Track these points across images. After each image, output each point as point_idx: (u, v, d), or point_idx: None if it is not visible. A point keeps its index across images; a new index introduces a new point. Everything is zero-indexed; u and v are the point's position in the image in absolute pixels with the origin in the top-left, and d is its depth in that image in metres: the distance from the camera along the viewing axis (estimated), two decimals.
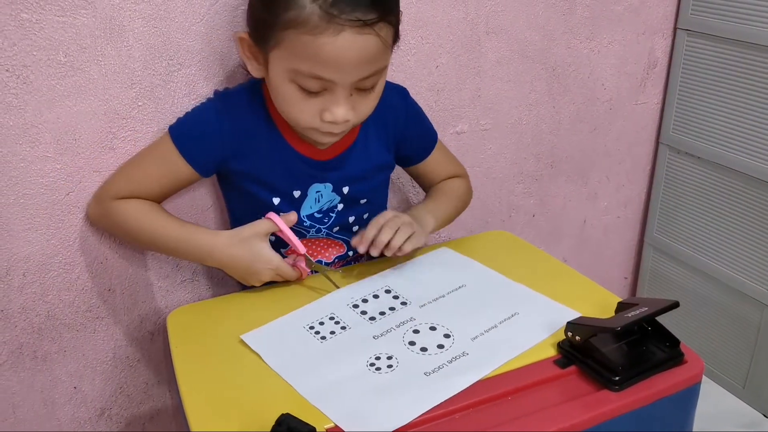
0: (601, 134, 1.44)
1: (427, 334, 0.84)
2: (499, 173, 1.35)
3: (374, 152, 1.01)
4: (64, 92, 0.93)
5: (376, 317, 0.88)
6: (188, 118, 0.97)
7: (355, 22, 0.80)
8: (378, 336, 0.84)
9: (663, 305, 0.76)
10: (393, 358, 0.79)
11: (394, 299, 0.91)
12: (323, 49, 0.81)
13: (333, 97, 0.86)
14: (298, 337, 0.84)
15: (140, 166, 0.96)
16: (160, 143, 0.96)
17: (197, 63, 1.00)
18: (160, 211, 0.96)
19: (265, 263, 0.91)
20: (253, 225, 0.93)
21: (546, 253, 1.06)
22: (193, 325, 0.90)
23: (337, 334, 0.84)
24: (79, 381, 1.09)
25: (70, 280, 1.03)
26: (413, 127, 1.06)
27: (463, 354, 0.80)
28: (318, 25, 0.80)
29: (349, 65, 0.83)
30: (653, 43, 1.41)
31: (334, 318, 0.87)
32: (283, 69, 0.85)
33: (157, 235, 0.94)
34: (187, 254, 0.96)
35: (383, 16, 0.83)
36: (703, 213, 1.45)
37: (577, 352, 0.78)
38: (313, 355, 0.81)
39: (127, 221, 0.94)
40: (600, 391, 0.75)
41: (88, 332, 1.07)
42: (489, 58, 1.24)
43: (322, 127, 0.88)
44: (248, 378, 0.78)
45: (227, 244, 0.92)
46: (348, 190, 1.00)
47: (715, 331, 1.47)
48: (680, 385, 0.77)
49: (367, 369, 0.78)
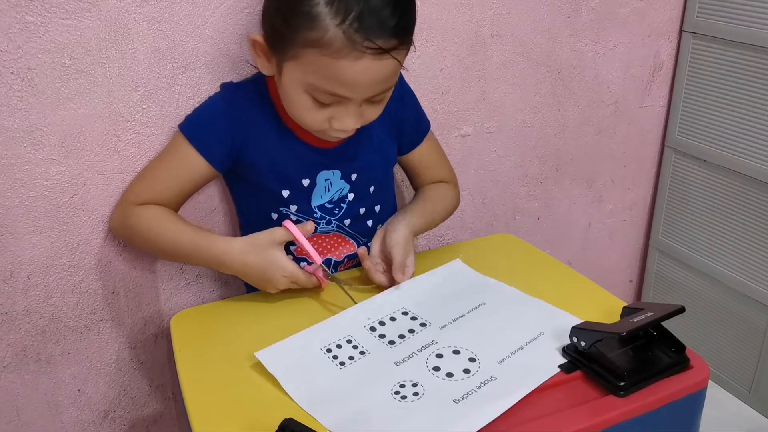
0: (606, 137, 1.43)
1: (451, 359, 0.80)
2: (504, 176, 1.35)
3: (378, 138, 1.01)
4: (68, 95, 0.93)
5: (396, 341, 0.84)
6: (197, 112, 0.98)
7: (376, 49, 0.81)
8: (400, 362, 0.80)
9: (668, 310, 0.75)
10: (418, 385, 0.75)
11: (413, 320, 0.88)
12: (342, 71, 0.82)
13: (344, 109, 0.87)
14: (316, 362, 0.80)
15: (156, 168, 0.98)
16: (172, 142, 0.98)
17: (202, 65, 1.00)
18: (175, 218, 0.96)
19: (279, 270, 0.90)
20: (270, 232, 0.92)
21: (551, 257, 1.06)
22: (196, 328, 0.89)
23: (356, 360, 0.81)
24: (83, 383, 1.09)
25: (74, 283, 1.03)
26: (408, 109, 1.06)
27: (491, 378, 0.76)
28: (340, 50, 0.81)
29: (365, 87, 0.85)
30: (659, 45, 1.41)
31: (351, 341, 0.84)
32: (298, 80, 0.86)
33: (171, 242, 0.94)
34: (202, 261, 0.95)
35: (402, 42, 0.85)
36: (708, 216, 1.44)
37: (582, 357, 0.78)
38: (333, 382, 0.77)
39: (141, 228, 0.95)
40: (605, 396, 0.74)
41: (92, 335, 1.07)
42: (494, 61, 1.24)
43: (330, 131, 0.90)
44: (251, 382, 0.78)
45: (242, 251, 0.91)
46: (356, 177, 1.01)
47: (721, 335, 1.47)
48: (686, 390, 0.76)
49: (392, 398, 0.74)
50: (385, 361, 0.80)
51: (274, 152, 0.96)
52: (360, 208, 1.03)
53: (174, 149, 0.96)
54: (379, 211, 1.05)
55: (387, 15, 0.81)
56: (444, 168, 1.14)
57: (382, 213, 1.06)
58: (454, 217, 1.27)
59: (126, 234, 1.00)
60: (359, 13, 0.80)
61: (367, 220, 1.05)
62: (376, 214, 1.05)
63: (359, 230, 1.04)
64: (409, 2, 0.85)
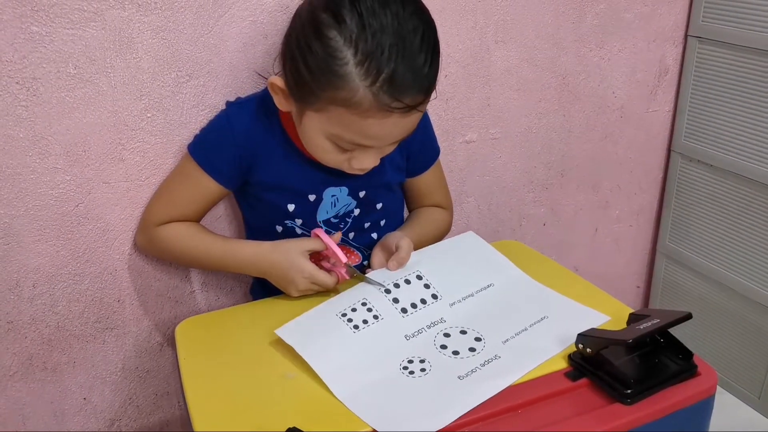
0: (612, 142, 1.43)
1: (458, 338, 0.84)
2: (510, 182, 1.35)
3: (389, 156, 1.00)
4: (73, 104, 0.93)
5: (408, 309, 0.88)
6: (204, 133, 0.98)
7: (404, 108, 0.81)
8: (410, 336, 0.85)
9: (675, 317, 0.75)
10: (426, 362, 0.80)
11: (426, 289, 0.91)
12: (369, 128, 0.83)
13: (365, 152, 0.88)
14: (331, 326, 0.84)
15: (170, 190, 0.99)
16: (182, 164, 0.99)
17: (206, 74, 1.00)
18: (200, 231, 0.99)
19: (299, 272, 0.92)
20: (298, 240, 0.94)
21: (557, 264, 1.05)
22: (201, 336, 0.89)
23: (370, 325, 0.85)
24: (89, 392, 1.09)
25: (80, 291, 1.03)
26: (420, 131, 1.05)
27: (495, 357, 0.80)
28: (368, 110, 0.80)
29: (390, 139, 0.87)
30: (664, 50, 1.41)
31: (366, 304, 0.87)
32: (319, 128, 0.86)
33: (202, 254, 0.97)
34: (232, 267, 0.98)
35: (429, 94, 0.84)
36: (716, 221, 1.44)
37: (589, 364, 0.77)
38: (347, 347, 0.81)
39: (171, 246, 0.98)
40: (612, 404, 0.73)
41: (98, 343, 1.07)
42: (498, 67, 1.23)
43: (349, 169, 0.91)
44: (256, 390, 0.77)
45: (270, 251, 0.94)
46: (364, 194, 1.00)
47: (729, 340, 1.46)
48: (694, 397, 0.75)
49: (400, 372, 0.79)
50: (396, 333, 0.85)
51: (281, 170, 0.96)
52: (365, 222, 1.03)
53: (186, 171, 0.97)
54: (384, 225, 1.05)
55: (418, 75, 0.80)
56: (443, 194, 1.13)
57: (387, 227, 1.05)
58: (459, 224, 1.29)
59: (155, 253, 1.04)
60: (390, 75, 0.78)
61: (372, 233, 1.04)
62: (381, 228, 1.05)
63: (363, 243, 1.04)
64: (436, 54, 0.83)
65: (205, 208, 1.00)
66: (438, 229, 1.11)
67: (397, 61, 0.79)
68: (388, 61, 0.78)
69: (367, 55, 0.78)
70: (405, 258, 0.93)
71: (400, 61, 0.79)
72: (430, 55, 0.82)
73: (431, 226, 1.10)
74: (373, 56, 0.78)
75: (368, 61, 0.78)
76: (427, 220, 1.10)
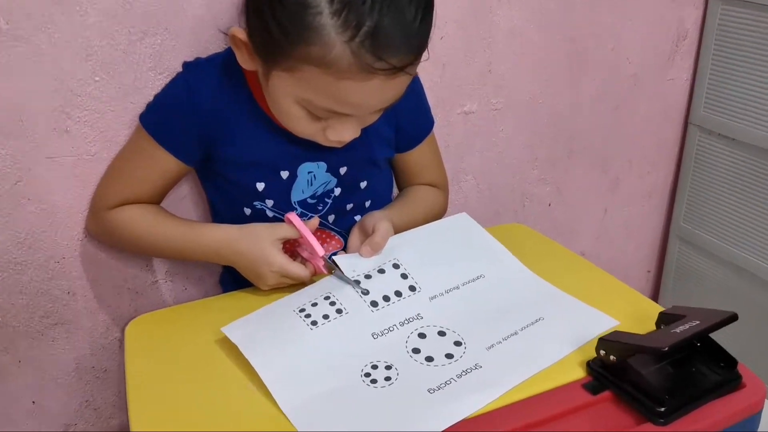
0: (624, 114, 1.37)
1: (434, 340, 0.74)
2: (512, 158, 1.28)
3: (374, 127, 0.89)
4: (6, 66, 0.83)
5: (379, 303, 0.78)
6: (158, 101, 0.89)
7: (390, 69, 0.71)
8: (378, 335, 0.75)
9: (718, 318, 0.64)
10: (392, 368, 0.70)
11: (403, 279, 0.81)
12: (347, 92, 0.73)
13: (342, 121, 0.79)
14: (285, 323, 0.75)
15: (123, 168, 0.90)
16: (135, 137, 0.90)
17: (164, 31, 0.89)
18: (159, 214, 0.90)
19: (267, 265, 0.82)
20: (271, 226, 0.85)
21: (563, 247, 0.99)
22: (155, 335, 0.80)
23: (330, 320, 0.75)
24: (39, 395, 1.00)
25: (23, 283, 0.94)
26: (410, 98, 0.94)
27: (475, 367, 0.70)
28: (346, 70, 0.70)
29: (372, 106, 0.78)
30: (683, 12, 1.34)
31: (329, 297, 0.78)
32: (289, 92, 0.76)
33: (161, 241, 0.89)
34: (195, 255, 0.89)
35: (420, 55, 0.75)
36: (735, 200, 1.39)
37: (611, 374, 0.66)
38: (300, 349, 0.72)
39: (125, 232, 0.89)
40: (641, 424, 0.63)
41: (47, 340, 0.98)
42: (501, 28, 1.16)
43: (325, 141, 0.82)
44: (211, 399, 0.68)
45: (235, 238, 0.85)
46: (346, 171, 0.90)
47: (747, 330, 1.37)
48: (738, 414, 0.65)
49: (360, 380, 0.69)
50: (361, 330, 0.75)
51: (247, 141, 0.86)
52: (347, 203, 0.93)
53: (139, 146, 0.88)
54: (369, 207, 0.95)
55: (407, 30, 0.71)
56: (437, 171, 1.04)
57: (373, 209, 0.95)
58: (455, 204, 1.22)
59: (108, 240, 0.95)
60: (373, 29, 0.69)
61: (355, 215, 0.94)
62: (366, 210, 0.94)
63: (346, 227, 0.94)
64: (430, 8, 0.74)
65: (163, 187, 0.90)
66: (430, 210, 1.01)
67: (382, 12, 0.69)
68: (371, 11, 0.68)
69: (345, 3, 0.68)
70: (380, 243, 0.83)
71: (386, 12, 0.69)
72: (421, 9, 0.72)
73: (422, 207, 0.99)
74: (352, 5, 0.68)
75: (346, 10, 0.68)
76: (417, 199, 1.00)
